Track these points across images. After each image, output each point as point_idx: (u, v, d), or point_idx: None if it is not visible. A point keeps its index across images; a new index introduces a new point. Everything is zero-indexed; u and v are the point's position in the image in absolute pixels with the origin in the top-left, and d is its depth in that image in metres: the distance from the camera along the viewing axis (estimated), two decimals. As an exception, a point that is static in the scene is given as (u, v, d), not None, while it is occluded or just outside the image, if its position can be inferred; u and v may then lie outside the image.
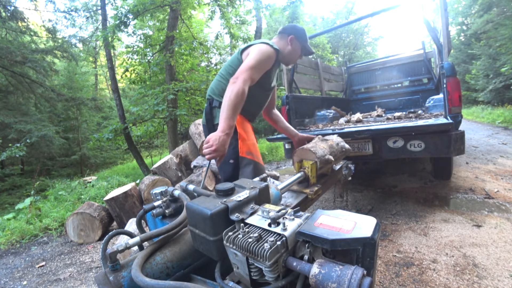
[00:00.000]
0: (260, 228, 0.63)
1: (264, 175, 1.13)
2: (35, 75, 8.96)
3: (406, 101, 5.05)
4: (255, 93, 1.57)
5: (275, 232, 0.60)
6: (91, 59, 16.52)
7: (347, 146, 1.79)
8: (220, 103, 1.51)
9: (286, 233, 0.58)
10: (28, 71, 8.71)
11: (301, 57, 1.74)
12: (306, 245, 0.59)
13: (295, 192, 1.39)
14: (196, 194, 0.97)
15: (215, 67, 8.75)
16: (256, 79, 1.42)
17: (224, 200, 0.71)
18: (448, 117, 2.24)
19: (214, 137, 1.21)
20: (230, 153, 1.52)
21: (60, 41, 9.73)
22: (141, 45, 7.19)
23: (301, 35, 1.66)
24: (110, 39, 6.19)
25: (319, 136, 1.73)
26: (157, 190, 1.00)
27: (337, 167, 1.71)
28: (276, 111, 1.97)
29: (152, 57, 7.16)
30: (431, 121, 2.35)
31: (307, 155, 1.45)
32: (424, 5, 2.81)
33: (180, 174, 3.86)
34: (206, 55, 8.78)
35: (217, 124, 1.49)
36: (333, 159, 1.51)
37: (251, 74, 1.35)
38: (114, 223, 3.25)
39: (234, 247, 0.60)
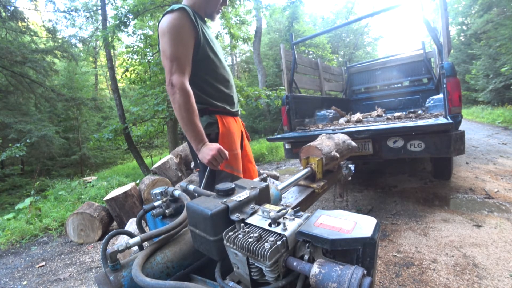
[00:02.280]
0: (261, 228, 0.63)
1: (264, 175, 1.13)
2: (35, 75, 8.96)
3: (406, 101, 5.06)
4: (205, 74, 1.30)
5: (275, 232, 0.60)
6: (91, 59, 16.53)
7: (353, 143, 1.82)
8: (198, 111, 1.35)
9: (286, 233, 0.58)
10: (28, 71, 8.72)
11: (226, 2, 1.41)
12: (306, 245, 0.59)
13: (302, 187, 1.43)
14: (196, 194, 0.97)
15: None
16: (189, 62, 1.19)
17: (225, 200, 0.71)
18: (448, 117, 2.24)
19: (202, 155, 1.18)
20: (202, 165, 1.35)
21: (60, 41, 9.73)
22: (141, 45, 7.19)
23: None
24: (110, 39, 6.19)
25: (326, 134, 1.75)
26: (157, 190, 1.00)
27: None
28: None
29: (152, 57, 7.16)
30: (431, 121, 2.35)
31: (313, 152, 1.48)
32: (424, 5, 2.82)
33: (180, 174, 3.86)
34: (206, 55, 8.76)
35: (208, 135, 1.35)
36: (338, 156, 1.55)
37: (180, 66, 1.14)
38: (114, 223, 3.25)
39: (235, 247, 0.60)
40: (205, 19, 1.41)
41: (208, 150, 1.16)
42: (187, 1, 1.34)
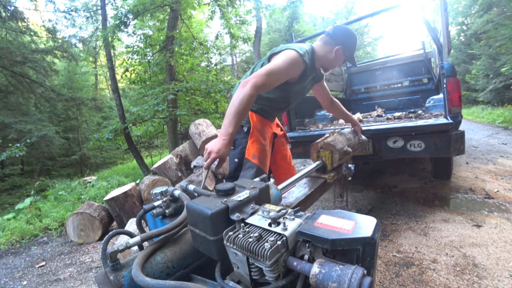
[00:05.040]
0: (261, 228, 0.63)
1: (265, 175, 1.13)
2: (35, 75, 8.95)
3: (406, 101, 5.05)
4: (275, 98, 1.54)
5: (275, 232, 0.60)
6: (91, 59, 16.51)
7: (363, 137, 1.90)
8: None
9: (287, 233, 0.58)
10: (28, 71, 8.71)
11: (340, 65, 1.64)
12: (307, 244, 0.59)
13: (315, 178, 1.54)
14: (196, 194, 0.97)
15: (215, 67, 8.75)
16: (272, 86, 1.32)
17: (225, 200, 0.71)
18: (448, 117, 2.24)
19: (212, 142, 1.18)
20: (237, 153, 1.54)
21: (60, 41, 9.73)
22: (141, 45, 7.19)
23: (350, 46, 1.49)
24: (110, 39, 6.19)
25: (338, 130, 1.81)
26: (157, 190, 1.00)
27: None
28: (334, 100, 1.88)
29: (152, 57, 7.16)
30: (431, 121, 2.35)
31: (327, 147, 1.56)
32: (424, 5, 2.81)
33: (180, 174, 3.86)
34: (206, 55, 8.78)
35: (242, 127, 1.54)
36: (351, 150, 1.62)
37: (265, 79, 1.24)
38: (114, 223, 3.25)
39: (235, 246, 0.60)
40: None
41: (217, 144, 1.14)
42: (317, 47, 1.50)
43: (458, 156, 3.03)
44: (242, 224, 0.65)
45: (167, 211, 0.95)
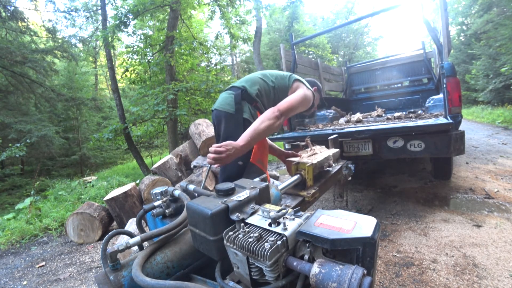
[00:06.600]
0: (261, 227, 0.63)
1: (264, 175, 1.13)
2: (35, 75, 8.95)
3: (406, 101, 5.06)
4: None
5: (275, 232, 0.60)
6: (91, 59, 16.50)
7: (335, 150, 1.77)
8: (252, 99, 1.54)
9: (287, 233, 0.58)
10: (28, 71, 8.71)
11: (315, 108, 1.88)
12: (307, 244, 0.59)
13: (291, 195, 1.30)
14: (196, 194, 0.97)
15: (215, 67, 8.75)
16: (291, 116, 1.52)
17: (225, 200, 0.71)
18: (448, 117, 2.24)
19: (231, 145, 1.14)
20: (242, 155, 1.50)
21: (60, 41, 9.72)
22: (141, 45, 7.19)
23: (319, 88, 1.85)
24: (110, 39, 6.18)
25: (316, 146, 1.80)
26: (157, 190, 1.00)
27: (337, 167, 1.71)
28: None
29: (152, 57, 7.17)
30: (431, 121, 2.35)
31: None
32: (424, 5, 2.81)
33: (180, 174, 3.86)
34: (206, 55, 8.79)
35: (246, 119, 1.52)
36: (330, 160, 1.56)
37: (289, 114, 1.45)
38: (114, 223, 3.25)
39: (235, 246, 0.60)
40: None
41: (234, 152, 1.20)
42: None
43: (458, 156, 3.03)
44: (242, 224, 0.66)
45: (167, 211, 0.95)
